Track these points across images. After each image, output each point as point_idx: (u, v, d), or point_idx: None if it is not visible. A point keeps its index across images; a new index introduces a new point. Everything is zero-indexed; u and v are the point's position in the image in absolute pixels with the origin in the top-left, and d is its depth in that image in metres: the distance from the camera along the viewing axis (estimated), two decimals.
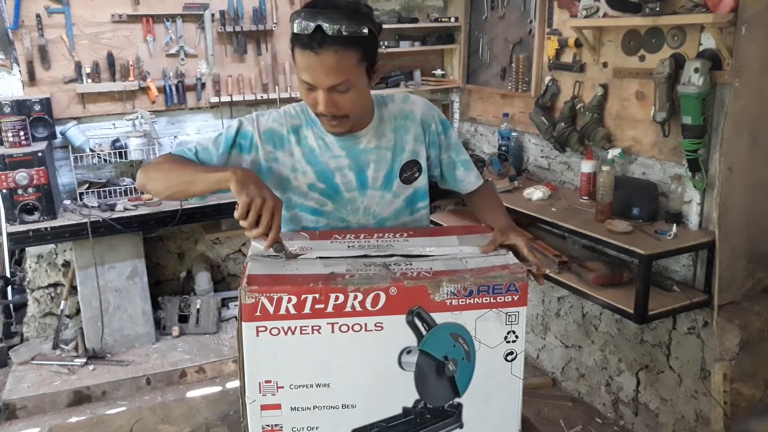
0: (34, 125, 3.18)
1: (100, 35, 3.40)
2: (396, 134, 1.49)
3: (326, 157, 1.45)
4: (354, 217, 1.49)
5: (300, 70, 1.30)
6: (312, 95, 1.32)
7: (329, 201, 1.47)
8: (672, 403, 2.70)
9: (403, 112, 1.50)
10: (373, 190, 1.48)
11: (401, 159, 1.49)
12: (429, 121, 1.53)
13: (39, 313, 3.55)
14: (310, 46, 1.24)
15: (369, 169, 1.47)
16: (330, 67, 1.25)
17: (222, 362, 3.38)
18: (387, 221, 1.51)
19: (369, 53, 1.31)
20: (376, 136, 1.47)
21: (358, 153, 1.46)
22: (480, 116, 3.97)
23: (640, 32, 2.66)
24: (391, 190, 1.49)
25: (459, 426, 1.21)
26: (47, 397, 3.10)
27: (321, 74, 1.26)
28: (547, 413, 3.05)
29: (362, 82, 1.33)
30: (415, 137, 1.50)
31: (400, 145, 1.49)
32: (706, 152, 2.45)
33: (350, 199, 1.47)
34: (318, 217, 1.48)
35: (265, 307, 1.09)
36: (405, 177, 1.50)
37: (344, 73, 1.27)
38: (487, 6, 3.68)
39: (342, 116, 1.34)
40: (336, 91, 1.29)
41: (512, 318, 1.15)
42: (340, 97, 1.30)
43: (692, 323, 2.56)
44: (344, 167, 1.46)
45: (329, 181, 1.45)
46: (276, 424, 1.16)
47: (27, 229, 3.05)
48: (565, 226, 2.71)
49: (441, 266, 1.18)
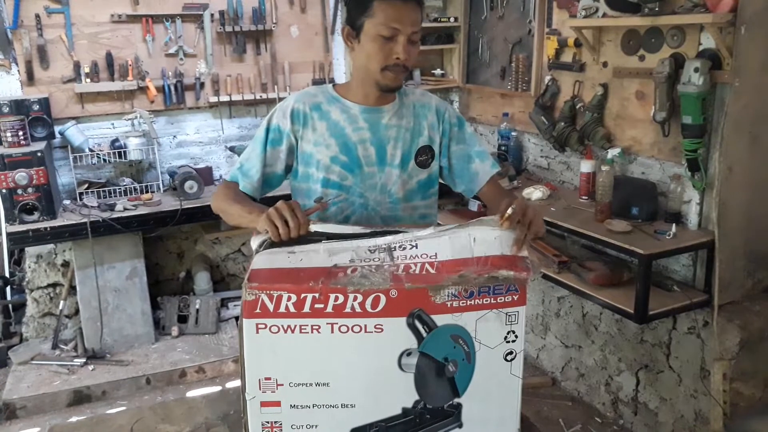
0: (33, 125, 3.17)
1: (99, 35, 3.40)
2: (415, 119, 1.60)
3: (350, 129, 1.55)
4: (372, 194, 1.57)
5: (387, 20, 1.44)
6: (388, 46, 1.46)
7: (350, 175, 1.56)
8: (671, 402, 2.70)
9: (422, 101, 1.64)
10: (391, 167, 1.57)
11: (418, 142, 1.60)
12: (443, 111, 1.64)
13: (38, 313, 3.55)
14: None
15: (389, 145, 1.57)
16: (415, 16, 1.46)
17: (222, 362, 3.37)
18: (401, 201, 1.59)
19: (423, 16, 1.52)
20: (397, 115, 1.58)
21: (381, 128, 1.56)
22: (480, 116, 3.97)
23: (640, 32, 2.66)
24: (407, 170, 1.59)
25: (458, 426, 1.21)
26: (47, 397, 3.10)
27: (409, 20, 1.44)
28: (547, 413, 3.05)
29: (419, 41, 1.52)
30: (430, 124, 1.61)
31: (418, 129, 1.60)
32: (705, 152, 2.44)
33: (369, 173, 1.56)
34: (337, 190, 1.56)
35: (265, 305, 1.09)
36: (420, 160, 1.60)
37: (419, 23, 1.48)
38: (486, 6, 3.68)
39: (405, 68, 1.49)
40: (411, 41, 1.47)
41: (512, 318, 1.15)
42: (411, 48, 1.48)
43: (692, 323, 2.56)
44: (366, 140, 1.56)
45: (351, 154, 1.55)
46: (275, 421, 1.16)
47: (26, 229, 3.04)
48: (564, 226, 2.71)
49: (448, 250, 1.16)
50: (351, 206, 1.57)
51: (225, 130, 3.79)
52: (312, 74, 3.86)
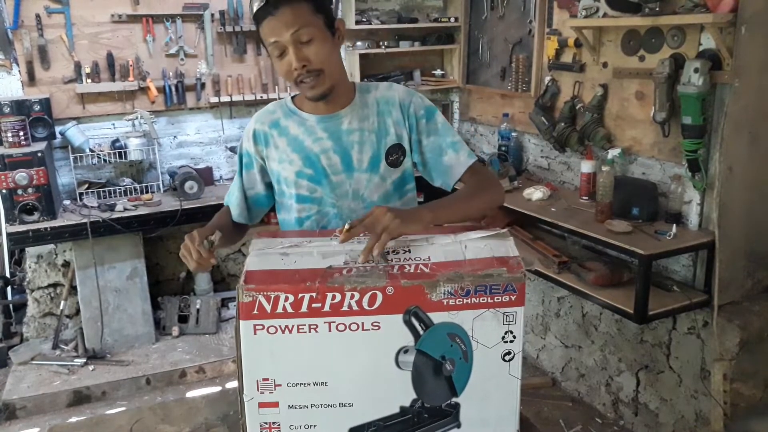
0: (33, 125, 3.18)
1: (100, 35, 3.41)
2: (379, 118, 1.52)
3: (309, 141, 1.50)
4: (344, 202, 1.52)
5: (267, 38, 1.38)
6: (285, 60, 1.39)
7: (318, 187, 1.51)
8: (672, 403, 2.70)
9: (386, 97, 1.54)
10: (360, 172, 1.51)
11: (386, 142, 1.52)
12: (407, 105, 1.54)
13: (39, 313, 3.56)
14: (268, 12, 1.36)
15: (353, 150, 1.50)
16: (288, 20, 1.35)
17: (222, 362, 3.38)
18: (377, 205, 1.49)
19: (321, 6, 1.40)
20: (359, 118, 1.51)
21: (341, 134, 1.50)
22: (480, 116, 3.97)
23: (640, 32, 2.66)
24: (378, 173, 1.52)
25: (457, 425, 1.20)
26: (47, 397, 3.10)
27: (282, 28, 1.35)
28: (547, 413, 3.05)
29: (324, 35, 1.40)
30: (395, 121, 1.53)
31: (384, 129, 1.52)
32: (706, 152, 2.44)
33: (338, 182, 1.51)
34: (308, 204, 1.53)
35: (262, 306, 1.09)
36: (391, 160, 1.53)
37: (302, 20, 1.36)
38: (486, 6, 3.68)
39: (316, 71, 1.39)
40: (302, 43, 1.37)
41: (510, 318, 1.15)
42: (307, 49, 1.37)
43: (692, 323, 2.56)
44: (328, 149, 1.50)
45: (315, 166, 1.50)
46: (274, 422, 1.16)
47: (27, 229, 3.05)
48: (564, 227, 2.71)
49: (440, 254, 1.17)
50: (325, 217, 1.53)
51: (225, 131, 3.79)
52: None
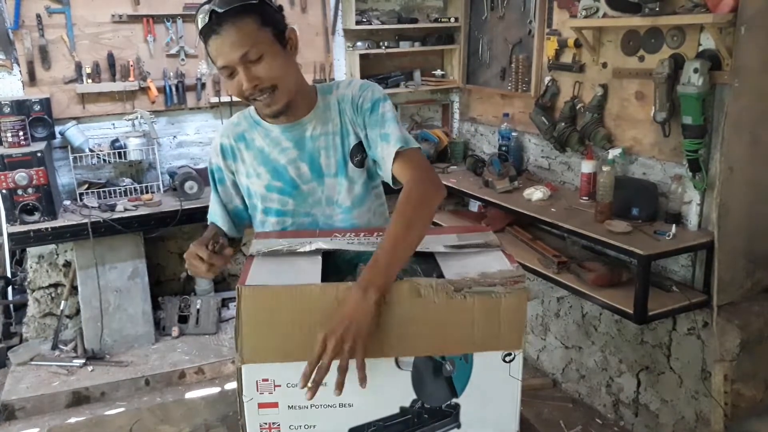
0: (33, 125, 3.18)
1: (101, 35, 3.41)
2: (341, 118, 1.46)
3: (276, 153, 1.46)
4: (318, 209, 1.48)
5: (215, 60, 1.32)
6: (235, 80, 1.32)
7: (290, 199, 1.47)
8: (672, 404, 2.70)
9: (343, 95, 1.48)
10: (329, 177, 1.47)
11: (349, 142, 1.46)
12: (357, 100, 1.46)
13: (39, 313, 3.55)
14: (213, 31, 1.28)
15: (321, 156, 1.46)
16: (233, 40, 1.28)
17: (221, 363, 3.37)
18: (353, 209, 1.49)
19: (268, 18, 1.33)
20: (322, 122, 1.45)
21: (306, 141, 1.45)
22: (480, 116, 3.97)
23: (640, 32, 2.66)
24: (347, 175, 1.47)
25: (457, 426, 1.20)
26: (46, 397, 3.10)
27: (228, 50, 1.29)
28: (548, 414, 3.05)
29: (275, 49, 1.33)
30: (351, 119, 1.46)
31: (345, 129, 1.46)
32: (706, 152, 2.44)
33: (309, 191, 1.47)
34: (283, 217, 1.49)
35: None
36: (357, 161, 1.47)
37: (249, 39, 1.29)
38: (486, 6, 3.68)
39: (269, 88, 1.33)
40: (251, 62, 1.30)
41: None
42: (256, 68, 1.31)
43: (692, 324, 2.56)
44: (295, 159, 1.46)
45: (284, 178, 1.46)
46: (273, 422, 1.16)
47: (27, 229, 3.05)
48: (564, 227, 2.71)
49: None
50: (300, 227, 1.49)
51: None
52: (313, 75, 3.87)
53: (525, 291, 1.12)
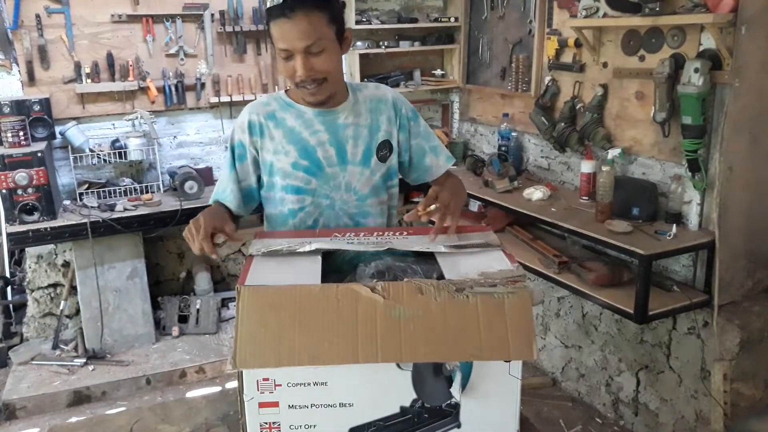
0: (33, 125, 3.18)
1: (100, 35, 3.41)
2: (372, 114, 1.58)
3: (307, 133, 1.54)
4: (337, 194, 1.57)
5: (277, 41, 1.41)
6: (290, 64, 1.42)
7: (313, 178, 1.55)
8: (672, 403, 2.70)
9: (377, 96, 1.61)
10: (353, 165, 1.57)
11: (378, 137, 1.58)
12: (400, 105, 1.62)
13: (39, 313, 3.55)
14: (283, 14, 1.37)
15: (348, 144, 1.56)
16: (303, 29, 1.37)
17: (222, 362, 3.37)
18: (367, 198, 1.60)
19: (336, 16, 1.43)
20: (354, 113, 1.56)
21: (337, 128, 1.55)
22: (480, 116, 3.97)
23: (640, 32, 2.66)
24: (369, 167, 1.58)
25: (457, 425, 1.20)
26: (47, 397, 3.10)
27: (295, 37, 1.38)
28: (547, 413, 3.05)
29: (334, 46, 1.44)
30: (388, 119, 1.60)
31: (376, 125, 1.58)
32: (706, 152, 2.44)
33: (332, 174, 1.56)
34: (303, 195, 1.56)
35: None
36: (381, 155, 1.59)
37: (316, 32, 1.38)
38: (486, 6, 3.68)
39: (321, 80, 1.44)
40: (311, 54, 1.40)
41: None
42: (315, 60, 1.41)
43: (692, 323, 2.56)
44: (325, 142, 1.54)
45: (312, 157, 1.54)
46: (274, 422, 1.16)
47: (27, 229, 3.05)
48: (565, 227, 2.71)
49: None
50: (318, 208, 1.57)
51: (225, 131, 3.79)
52: None
53: (527, 290, 1.12)
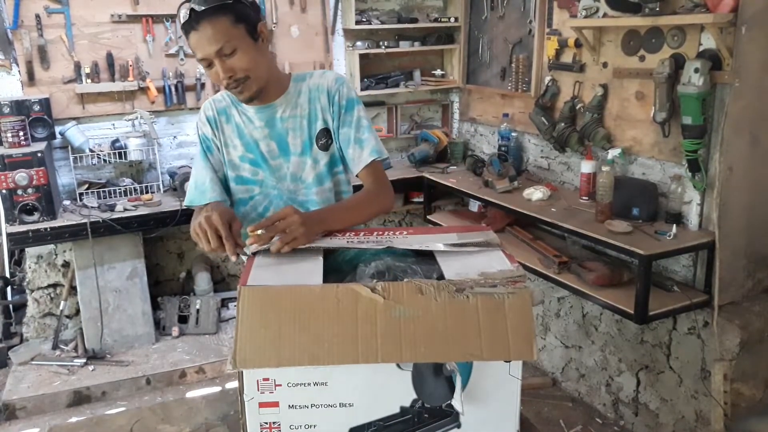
0: (33, 125, 3.18)
1: (100, 35, 3.40)
2: (310, 104, 1.64)
3: (250, 129, 1.64)
4: (284, 184, 1.66)
5: (194, 53, 1.48)
6: (213, 70, 1.49)
7: (260, 170, 1.65)
8: (672, 403, 2.70)
9: (317, 84, 1.65)
10: (295, 156, 1.65)
11: (316, 127, 1.64)
12: (333, 93, 1.64)
13: (39, 313, 3.55)
14: (192, 27, 1.44)
15: (288, 136, 1.64)
16: (209, 36, 1.43)
17: (222, 362, 3.37)
18: (314, 186, 1.66)
19: (242, 15, 1.47)
20: (291, 106, 1.63)
21: (276, 122, 1.63)
22: (480, 116, 3.97)
23: (640, 32, 2.66)
24: (311, 155, 1.65)
25: (457, 426, 1.20)
26: (47, 397, 3.10)
27: (205, 44, 1.45)
28: (547, 413, 3.05)
29: (246, 43, 1.48)
30: (323, 107, 1.64)
31: (314, 114, 1.64)
32: (706, 152, 2.44)
33: (276, 166, 1.65)
34: (251, 185, 1.66)
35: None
36: (321, 144, 1.65)
37: (223, 36, 1.44)
38: (486, 6, 3.68)
39: (243, 78, 1.49)
40: (225, 56, 1.46)
41: None
42: (231, 61, 1.47)
43: (692, 323, 2.56)
44: (266, 137, 1.64)
45: (255, 151, 1.64)
46: (274, 422, 1.16)
47: (27, 229, 3.05)
48: (565, 227, 2.71)
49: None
50: (267, 198, 1.66)
51: None
52: None
53: (527, 291, 1.12)
